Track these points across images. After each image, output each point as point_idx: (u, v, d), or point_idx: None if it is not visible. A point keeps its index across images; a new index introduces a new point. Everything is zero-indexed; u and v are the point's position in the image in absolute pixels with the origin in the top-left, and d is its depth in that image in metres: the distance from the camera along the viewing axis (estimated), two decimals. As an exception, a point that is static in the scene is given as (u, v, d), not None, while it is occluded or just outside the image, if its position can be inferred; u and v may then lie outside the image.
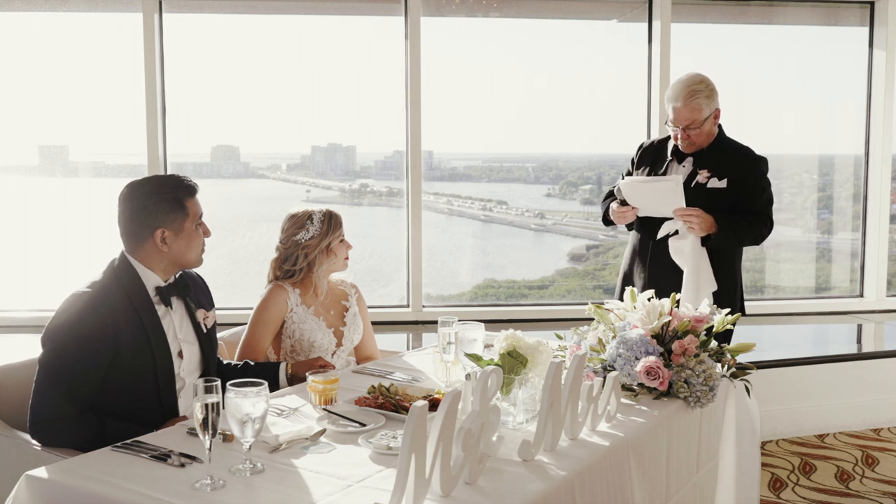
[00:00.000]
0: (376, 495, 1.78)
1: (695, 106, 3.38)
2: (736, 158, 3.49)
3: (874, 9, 6.05)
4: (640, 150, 3.75)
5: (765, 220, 3.48)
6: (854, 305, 6.15)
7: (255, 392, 1.87)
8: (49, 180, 5.82)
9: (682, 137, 3.45)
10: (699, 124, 3.41)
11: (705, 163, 3.48)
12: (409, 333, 5.45)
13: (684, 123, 3.40)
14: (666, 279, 3.41)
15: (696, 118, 3.39)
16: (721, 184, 3.45)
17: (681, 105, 3.39)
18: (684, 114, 3.39)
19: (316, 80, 5.99)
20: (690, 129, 3.41)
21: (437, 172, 6.30)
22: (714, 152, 3.50)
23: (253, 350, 3.04)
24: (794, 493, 3.75)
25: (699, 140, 3.46)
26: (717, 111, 3.46)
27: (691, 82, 3.41)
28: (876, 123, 6.07)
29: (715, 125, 3.49)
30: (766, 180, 3.52)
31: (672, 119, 3.44)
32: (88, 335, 2.32)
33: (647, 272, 3.58)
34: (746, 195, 3.46)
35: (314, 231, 3.10)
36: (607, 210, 3.65)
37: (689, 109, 3.39)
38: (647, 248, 3.59)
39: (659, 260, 3.53)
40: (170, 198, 2.47)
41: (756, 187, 3.48)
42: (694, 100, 3.38)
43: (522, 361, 2.36)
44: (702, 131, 3.43)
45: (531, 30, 6.15)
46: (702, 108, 3.39)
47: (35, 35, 5.65)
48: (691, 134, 3.42)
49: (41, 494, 1.87)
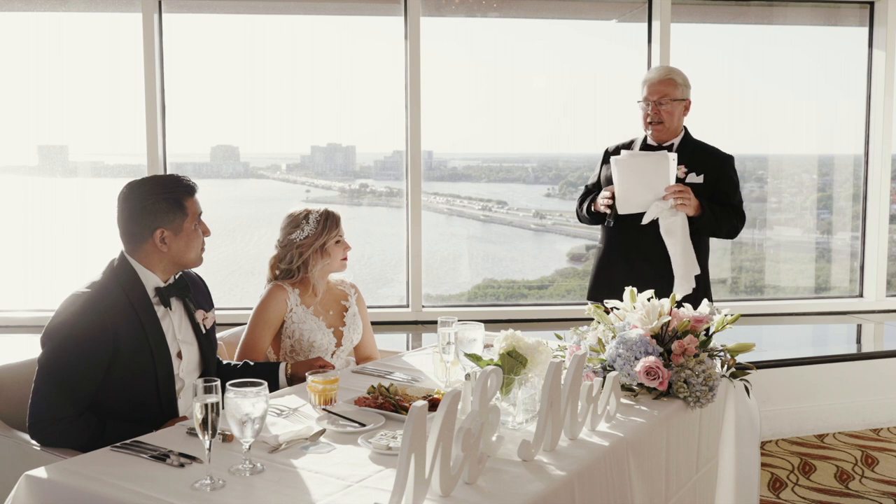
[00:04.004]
0: (376, 495, 1.78)
1: (669, 80, 3.55)
2: (706, 157, 3.61)
3: (874, 9, 6.05)
4: (606, 154, 3.77)
5: (740, 214, 3.63)
6: (854, 305, 6.15)
7: (254, 392, 1.87)
8: (48, 180, 5.82)
9: (652, 113, 3.55)
10: (671, 100, 3.53)
11: (679, 159, 3.56)
12: (408, 333, 5.45)
13: (657, 96, 3.54)
14: (649, 271, 3.47)
15: (669, 92, 3.53)
16: (699, 179, 3.56)
17: (656, 79, 3.56)
18: (658, 87, 3.54)
19: (315, 79, 5.99)
20: (662, 103, 3.53)
21: (437, 172, 6.30)
22: (685, 150, 3.60)
23: (252, 350, 3.04)
24: (793, 493, 3.75)
25: (668, 122, 3.55)
26: (689, 102, 3.62)
27: (670, 67, 3.64)
28: (876, 123, 6.08)
29: (684, 116, 3.62)
30: (737, 177, 3.68)
31: (646, 94, 3.57)
32: (88, 335, 2.32)
33: (629, 265, 3.60)
34: (722, 192, 3.58)
35: (309, 230, 3.10)
36: (590, 204, 3.67)
37: (664, 84, 3.54)
38: (627, 241, 3.60)
39: (641, 251, 3.57)
40: (169, 198, 2.47)
41: (731, 184, 3.62)
42: (669, 76, 3.56)
43: (522, 361, 2.36)
44: (672, 111, 3.54)
45: (531, 30, 6.15)
46: (676, 84, 3.55)
47: (35, 35, 5.65)
48: (661, 110, 3.53)
49: (41, 494, 1.87)
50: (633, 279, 3.43)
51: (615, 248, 3.67)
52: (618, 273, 3.60)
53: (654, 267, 3.52)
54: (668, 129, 3.57)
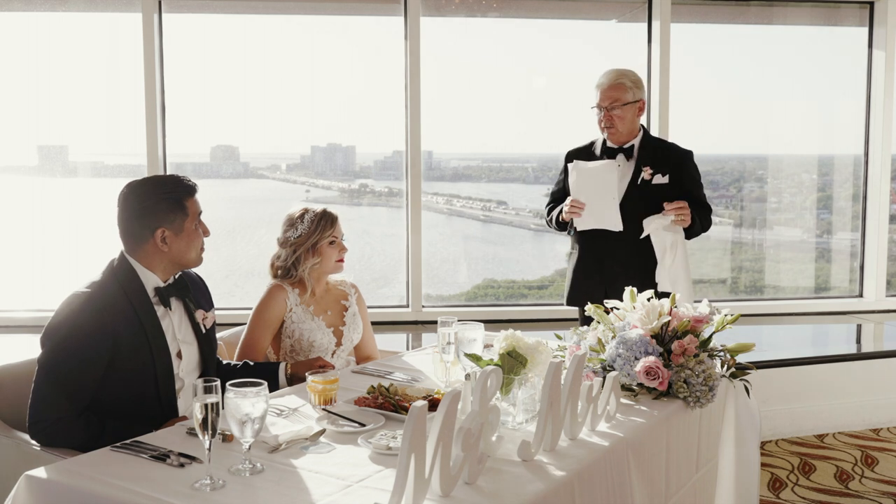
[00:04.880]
0: (376, 495, 1.78)
1: (618, 85, 3.58)
2: (668, 154, 3.66)
3: (874, 9, 6.05)
4: (568, 157, 3.79)
5: (708, 208, 3.68)
6: (853, 305, 6.15)
7: (254, 392, 1.87)
8: (48, 180, 5.82)
9: (604, 119, 3.59)
10: (621, 104, 3.57)
11: (643, 160, 3.61)
12: (408, 333, 5.46)
13: (608, 102, 3.58)
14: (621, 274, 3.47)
15: (619, 97, 3.57)
16: (664, 179, 3.60)
17: (606, 84, 3.60)
18: (608, 92, 3.59)
19: (315, 79, 5.99)
20: (613, 108, 3.56)
21: (437, 172, 6.30)
22: (646, 150, 3.64)
23: (252, 350, 3.04)
24: (793, 493, 3.75)
25: (621, 126, 3.59)
26: (642, 102, 3.66)
27: (620, 70, 3.66)
28: (875, 123, 6.07)
29: (638, 117, 3.65)
30: (698, 172, 3.71)
31: (598, 101, 3.61)
32: (87, 335, 2.32)
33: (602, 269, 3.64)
34: (686, 190, 3.62)
35: (302, 229, 3.11)
36: (559, 212, 3.69)
37: (613, 89, 3.58)
38: (598, 246, 3.63)
39: (613, 255, 3.60)
40: (169, 198, 2.47)
41: (693, 181, 3.67)
42: (619, 80, 3.60)
43: (522, 361, 2.36)
44: (624, 115, 3.58)
45: (531, 30, 6.16)
46: (626, 88, 3.59)
47: (35, 35, 5.65)
48: (614, 115, 3.57)
49: (41, 494, 1.87)
50: (608, 282, 3.49)
51: (588, 252, 3.71)
52: (592, 277, 3.67)
53: (626, 268, 3.56)
54: (621, 132, 3.61)
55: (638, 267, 3.56)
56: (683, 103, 5.73)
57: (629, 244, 3.56)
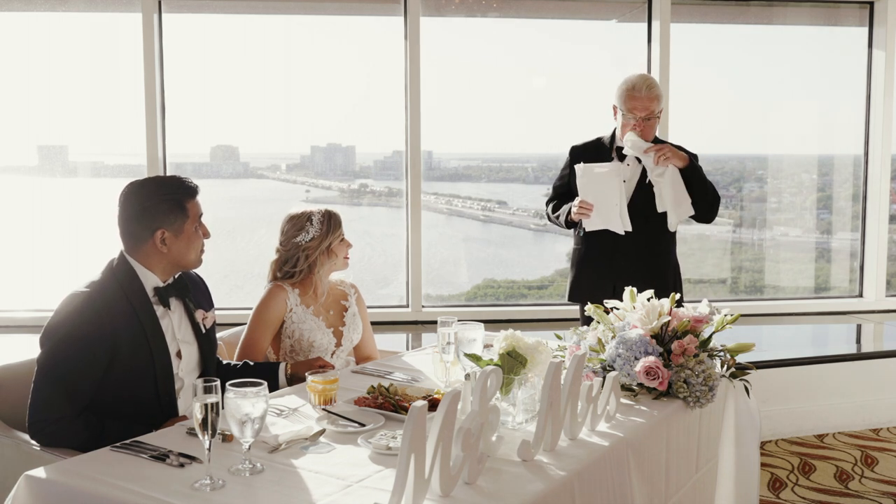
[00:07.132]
0: (376, 495, 1.78)
1: (656, 97, 3.55)
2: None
3: (873, 9, 6.05)
4: (573, 153, 3.77)
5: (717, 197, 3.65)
6: (853, 305, 6.15)
7: (254, 392, 1.87)
8: (48, 180, 5.82)
9: (639, 126, 3.55)
10: (657, 115, 3.56)
11: None
12: (408, 333, 5.46)
13: (644, 113, 3.52)
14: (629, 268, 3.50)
15: (656, 108, 3.55)
16: None
17: (644, 95, 3.53)
18: (647, 104, 3.53)
19: (315, 80, 5.99)
20: (649, 118, 3.54)
21: (437, 172, 6.30)
22: None
23: (252, 350, 3.04)
24: (793, 493, 3.75)
25: (650, 135, 3.58)
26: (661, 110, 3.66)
27: (649, 77, 3.61)
28: (875, 123, 6.07)
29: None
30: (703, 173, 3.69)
31: (631, 108, 3.53)
32: (86, 335, 2.32)
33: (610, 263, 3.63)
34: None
35: (314, 232, 3.09)
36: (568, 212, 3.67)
37: (652, 101, 3.54)
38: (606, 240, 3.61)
39: (620, 248, 3.59)
40: (170, 199, 2.47)
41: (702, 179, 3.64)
42: (656, 92, 3.56)
43: (522, 361, 2.36)
44: (655, 125, 3.58)
45: (531, 30, 6.16)
46: (660, 99, 3.58)
47: (34, 35, 5.65)
48: (647, 125, 3.54)
49: (40, 494, 1.87)
50: (615, 276, 3.48)
51: (596, 248, 3.69)
52: (600, 273, 3.66)
53: (635, 265, 3.56)
54: (649, 140, 3.59)
55: (647, 264, 3.56)
56: (683, 103, 5.74)
57: (638, 242, 3.56)
